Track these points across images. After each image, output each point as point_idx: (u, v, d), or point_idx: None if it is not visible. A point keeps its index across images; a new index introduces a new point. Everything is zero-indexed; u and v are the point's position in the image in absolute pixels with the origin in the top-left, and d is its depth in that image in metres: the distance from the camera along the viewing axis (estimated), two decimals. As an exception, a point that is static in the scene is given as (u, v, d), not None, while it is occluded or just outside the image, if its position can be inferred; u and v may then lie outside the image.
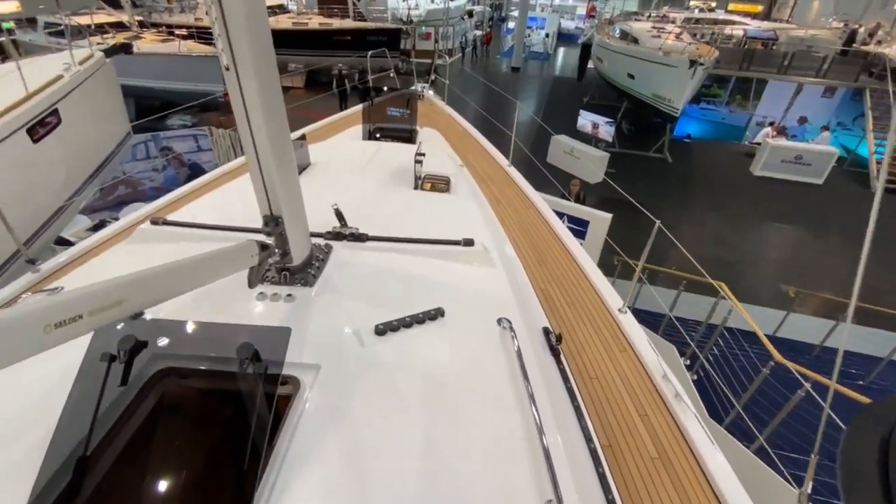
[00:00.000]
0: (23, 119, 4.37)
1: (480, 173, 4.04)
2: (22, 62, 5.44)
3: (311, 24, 17.42)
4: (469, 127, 5.16)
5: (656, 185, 12.06)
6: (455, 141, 4.61)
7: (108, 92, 6.59)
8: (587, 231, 6.42)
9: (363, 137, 4.22)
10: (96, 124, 6.22)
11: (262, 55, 1.45)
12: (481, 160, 4.36)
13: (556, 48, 31.84)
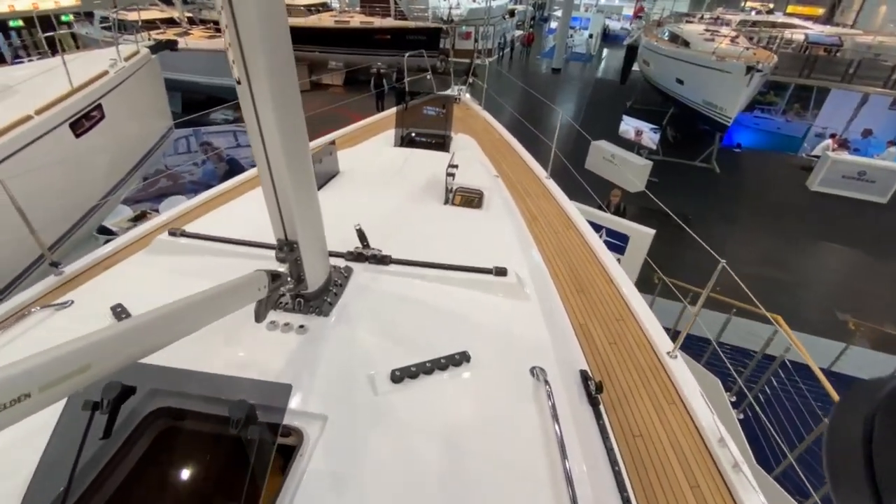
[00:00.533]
0: (66, 114, 4.46)
1: (516, 185, 3.80)
2: (70, 57, 5.60)
3: (352, 23, 17.53)
4: (506, 134, 4.92)
5: (702, 198, 11.41)
6: (490, 149, 4.39)
7: (152, 87, 6.73)
8: (626, 247, 6.07)
9: (395, 143, 4.07)
10: (139, 119, 6.35)
11: (280, 69, 1.29)
12: (518, 170, 4.11)
13: (600, 49, 30.95)
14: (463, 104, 5.79)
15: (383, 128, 4.57)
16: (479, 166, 3.56)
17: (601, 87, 21.47)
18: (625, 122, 12.12)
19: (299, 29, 17.67)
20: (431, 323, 1.73)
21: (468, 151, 4.05)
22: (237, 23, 1.15)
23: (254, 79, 1.24)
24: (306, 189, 1.54)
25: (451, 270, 1.95)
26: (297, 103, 1.41)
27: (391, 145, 3.99)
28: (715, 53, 9.93)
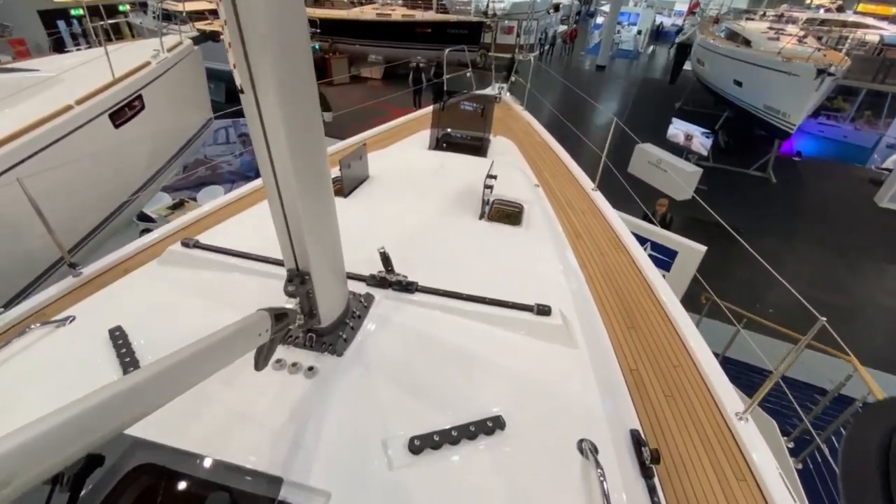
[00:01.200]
0: (106, 104, 4.47)
1: (559, 197, 3.50)
2: (114, 47, 5.65)
3: (394, 16, 17.40)
4: (548, 137, 4.59)
5: (755, 209, 10.63)
6: (531, 154, 4.09)
7: (193, 78, 6.76)
8: (673, 263, 5.63)
9: (430, 145, 3.83)
10: (180, 109, 6.39)
11: (295, 75, 1.07)
12: (561, 179, 3.80)
13: (648, 46, 29.65)
14: (503, 104, 5.49)
15: (418, 128, 4.35)
16: (519, 174, 3.27)
17: (648, 86, 20.50)
18: (674, 125, 11.43)
19: (341, 21, 17.71)
20: (459, 371, 1.49)
21: (507, 157, 3.77)
22: (239, 17, 0.93)
23: (261, 89, 1.03)
24: (323, 213, 1.33)
25: (485, 304, 1.71)
26: (314, 116, 1.20)
27: (426, 148, 3.76)
28: (780, 54, 9.13)
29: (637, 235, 5.96)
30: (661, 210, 6.71)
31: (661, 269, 5.83)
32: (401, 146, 3.81)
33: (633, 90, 19.88)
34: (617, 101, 18.66)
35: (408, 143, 3.89)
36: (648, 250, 5.81)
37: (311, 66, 1.15)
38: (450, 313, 1.69)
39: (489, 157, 3.63)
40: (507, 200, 2.71)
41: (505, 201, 2.70)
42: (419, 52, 17.78)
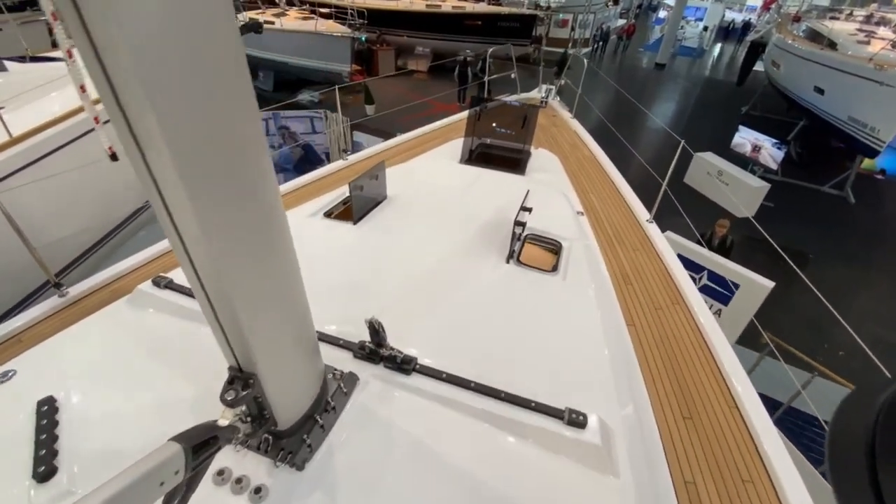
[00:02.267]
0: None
1: (607, 228, 3.02)
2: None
3: (443, 7, 16.97)
4: (599, 152, 4.07)
5: (828, 232, 9.53)
6: (577, 172, 3.62)
7: (233, 71, 6.65)
8: (733, 297, 4.98)
9: (462, 157, 3.45)
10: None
11: (206, 115, 0.73)
12: (611, 206, 3.30)
13: (714, 44, 27.65)
14: (549, 109, 4.99)
15: (452, 134, 3.97)
16: (560, 199, 2.84)
17: (712, 87, 19.07)
18: (741, 133, 10.42)
19: (390, 12, 17.47)
20: (456, 498, 1.12)
21: (549, 174, 3.33)
22: (93, 38, 0.59)
23: (143, 139, 0.69)
24: (274, 281, 0.98)
25: (500, 402, 1.32)
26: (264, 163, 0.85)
27: (457, 160, 3.38)
28: (873, 61, 8.00)
29: (691, 261, 5.35)
30: (722, 232, 6.00)
31: (718, 303, 5.20)
32: (429, 158, 3.46)
33: (695, 91, 18.54)
34: (677, 102, 17.44)
35: (438, 154, 3.53)
36: (704, 280, 5.20)
37: (251, 92, 0.81)
38: (452, 408, 1.33)
39: (528, 174, 3.21)
40: (542, 236, 2.29)
41: (540, 236, 2.29)
42: (468, 45, 17.30)
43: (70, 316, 2.03)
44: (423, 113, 14.37)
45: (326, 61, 13.32)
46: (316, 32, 12.79)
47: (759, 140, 9.86)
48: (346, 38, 12.62)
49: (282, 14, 14.20)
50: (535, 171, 3.26)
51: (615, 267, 2.60)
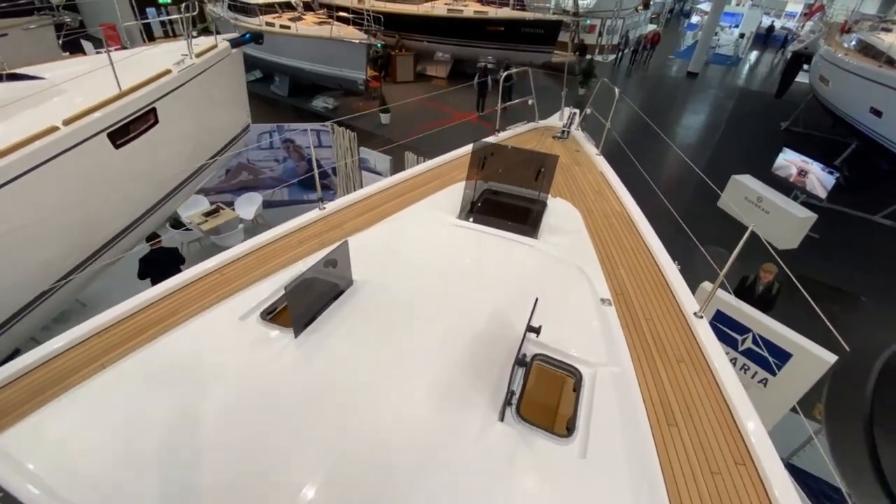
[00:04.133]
0: (104, 123, 3.91)
1: (643, 326, 2.33)
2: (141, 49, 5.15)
3: (465, 12, 16.38)
4: (630, 203, 3.35)
5: (882, 268, 8.56)
6: (604, 233, 2.95)
7: (230, 83, 6.21)
8: (784, 366, 4.23)
9: (461, 211, 2.83)
10: (210, 118, 5.85)
11: None
12: (646, 289, 2.60)
13: (750, 52, 26.33)
14: (572, 141, 4.32)
15: (453, 175, 3.36)
16: (581, 284, 2.21)
17: (748, 99, 17.96)
18: (784, 154, 9.52)
19: (411, 17, 16.98)
20: None
21: (568, 238, 2.69)
22: None
23: None
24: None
25: None
26: None
27: (454, 215, 2.78)
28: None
29: (733, 321, 4.61)
30: (767, 278, 5.19)
31: (764, 371, 4.45)
32: (422, 210, 2.87)
33: (729, 103, 17.47)
34: (710, 115, 16.43)
35: (434, 204, 2.93)
36: (748, 343, 4.46)
37: None
38: None
39: (542, 236, 2.58)
40: (554, 358, 1.66)
41: (551, 359, 1.67)
42: (489, 51, 16.67)
43: None
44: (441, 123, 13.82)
45: (341, 68, 12.89)
46: (331, 38, 12.35)
47: (807, 163, 8.95)
48: (362, 44, 12.15)
49: (298, 18, 13.84)
50: (550, 231, 2.64)
51: (654, 396, 1.91)
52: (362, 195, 3.34)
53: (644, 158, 4.27)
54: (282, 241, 2.83)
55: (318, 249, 2.58)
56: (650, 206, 4.45)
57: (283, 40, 13.54)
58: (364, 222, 2.87)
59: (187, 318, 2.02)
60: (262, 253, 2.71)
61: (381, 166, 7.71)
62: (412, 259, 2.28)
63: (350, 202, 3.29)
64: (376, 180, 8.30)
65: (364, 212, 3.06)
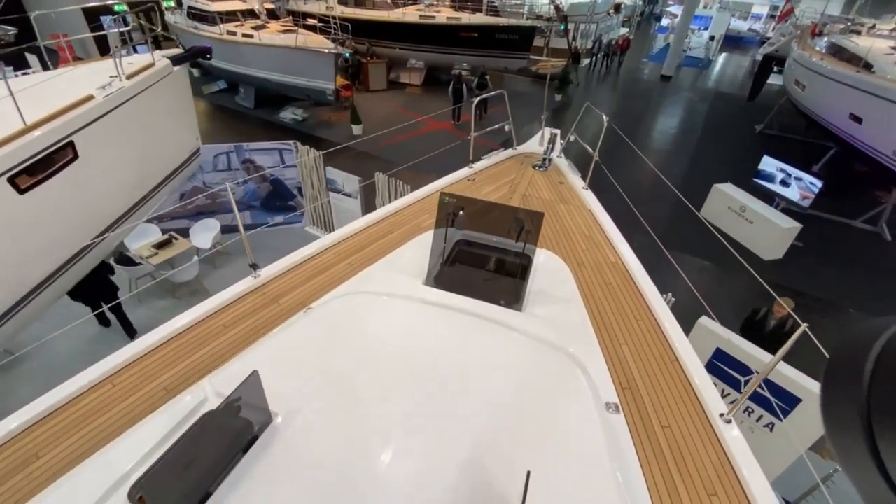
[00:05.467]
0: (2, 165, 3.26)
1: (660, 441, 1.83)
2: (64, 70, 4.49)
3: (438, 18, 15.95)
4: (627, 252, 2.87)
5: (865, 274, 8.43)
6: (601, 296, 2.48)
7: (173, 105, 5.57)
8: (792, 411, 3.87)
9: (428, 274, 2.33)
10: (150, 144, 5.22)
11: None
12: (659, 381, 2.09)
13: (719, 54, 26.68)
14: (554, 171, 3.87)
15: (421, 221, 2.86)
16: (582, 384, 1.74)
17: (722, 103, 18.02)
18: (766, 163, 9.34)
19: (382, 23, 16.47)
20: None
21: (559, 308, 2.22)
22: None
23: None
24: None
25: None
26: None
27: (420, 278, 2.28)
28: (927, 87, 6.95)
29: (738, 363, 4.24)
30: (781, 314, 4.72)
31: (770, 415, 4.09)
32: (378, 277, 2.36)
33: (703, 106, 17.49)
34: (685, 119, 16.38)
35: (394, 266, 2.42)
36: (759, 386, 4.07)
37: None
38: None
39: (527, 308, 2.11)
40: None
41: None
42: (464, 58, 16.29)
43: None
44: (415, 132, 13.29)
45: (308, 78, 12.26)
46: (296, 48, 11.72)
47: (792, 173, 8.78)
48: (330, 54, 11.55)
49: (262, 27, 13.15)
50: (537, 297, 2.17)
51: None
52: (310, 253, 2.78)
53: (623, 167, 3.86)
54: (200, 328, 2.26)
55: (244, 344, 2.04)
56: (634, 228, 4.05)
57: (247, 50, 12.85)
58: (308, 293, 2.36)
59: None
60: (168, 350, 2.13)
61: (351, 187, 7.17)
62: (363, 359, 1.78)
63: (292, 264, 2.73)
64: (345, 203, 7.76)
65: (310, 276, 2.54)
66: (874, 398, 0.35)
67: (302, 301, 2.33)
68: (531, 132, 4.64)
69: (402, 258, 2.52)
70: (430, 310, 2.07)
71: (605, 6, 24.84)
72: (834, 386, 0.40)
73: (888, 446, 0.33)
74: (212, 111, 15.08)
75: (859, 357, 0.37)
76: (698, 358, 2.12)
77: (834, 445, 0.39)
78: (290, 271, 2.73)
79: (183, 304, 6.93)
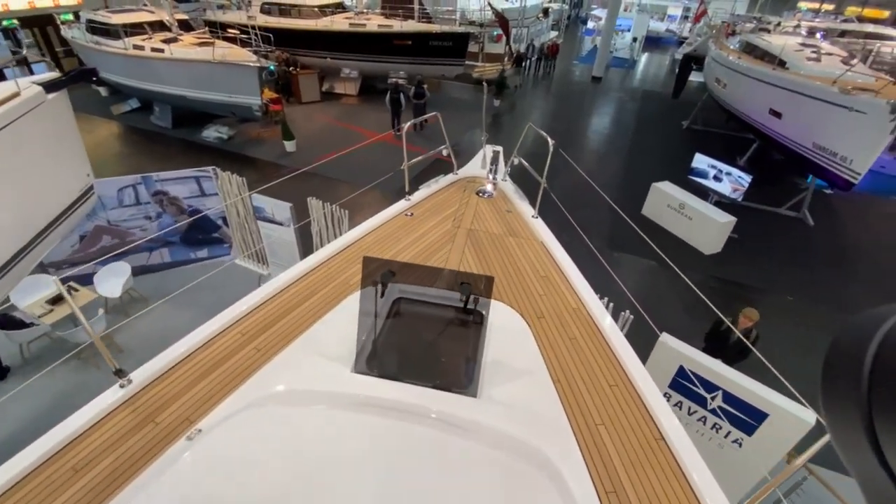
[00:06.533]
0: None
1: None
2: None
3: (369, 26, 15.42)
4: (585, 290, 2.53)
5: (796, 261, 8.86)
6: (565, 355, 2.11)
7: (51, 137, 4.71)
8: (759, 427, 3.75)
9: (357, 355, 1.85)
10: (20, 187, 4.37)
11: None
12: (644, 463, 1.72)
13: (642, 54, 28.06)
14: (501, 198, 3.50)
15: (350, 273, 2.37)
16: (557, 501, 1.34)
17: (650, 101, 18.80)
18: (697, 160, 9.63)
19: (310, 32, 15.70)
20: None
21: (521, 384, 1.83)
22: None
23: None
24: None
25: None
26: None
27: (349, 364, 1.81)
28: (837, 83, 7.37)
29: (702, 379, 4.10)
30: (746, 325, 4.64)
31: (739, 431, 3.97)
32: (293, 360, 1.85)
33: (634, 106, 18.15)
34: (617, 118, 16.90)
35: (314, 345, 1.92)
36: (718, 402, 3.94)
37: None
38: None
39: (484, 388, 1.70)
40: None
41: None
42: (399, 66, 15.86)
43: None
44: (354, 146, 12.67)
45: (230, 93, 11.32)
46: (213, 61, 10.78)
47: (719, 167, 9.09)
48: (252, 67, 10.72)
49: (173, 40, 12.02)
50: (494, 373, 1.77)
51: None
52: (203, 339, 2.16)
53: (558, 174, 3.58)
54: (41, 476, 1.61)
55: (104, 496, 1.46)
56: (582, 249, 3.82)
57: (159, 65, 11.69)
58: (196, 404, 1.79)
59: None
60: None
61: (281, 215, 6.50)
62: (272, 500, 1.29)
63: (177, 360, 2.08)
64: (277, 232, 7.06)
65: (202, 374, 1.95)
66: (874, 391, 0.35)
67: (188, 417, 1.75)
68: (473, 141, 4.28)
69: (324, 335, 2.01)
70: (360, 418, 1.60)
71: (535, 10, 25.37)
72: (833, 379, 0.40)
73: (890, 440, 0.33)
74: (124, 134, 13.63)
75: (859, 349, 0.37)
76: (688, 436, 1.79)
77: (835, 439, 0.39)
78: (174, 371, 2.04)
79: (90, 366, 5.96)
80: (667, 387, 4.17)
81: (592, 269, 3.61)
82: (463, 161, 4.32)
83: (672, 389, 4.16)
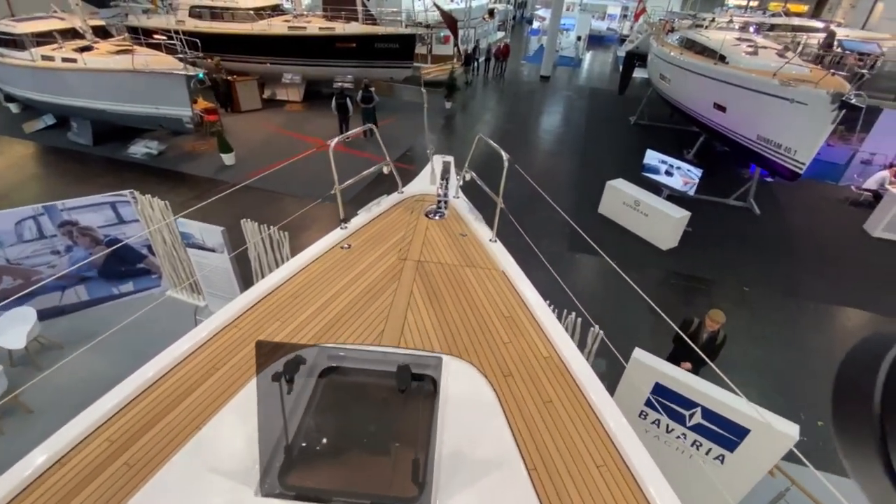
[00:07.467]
0: None
1: None
2: None
3: (309, 29, 14.68)
4: (556, 332, 2.12)
5: (747, 250, 9.04)
6: (539, 422, 1.69)
7: None
8: (741, 443, 3.53)
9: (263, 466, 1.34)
10: None
11: None
12: None
13: (586, 52, 28.68)
14: (454, 219, 3.07)
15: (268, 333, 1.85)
16: None
17: (598, 98, 19.08)
18: (649, 157, 9.65)
19: (246, 37, 14.77)
20: None
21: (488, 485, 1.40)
22: None
23: None
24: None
25: None
26: None
27: (252, 489, 1.28)
28: (777, 76, 7.52)
29: (676, 395, 3.86)
30: (713, 327, 4.46)
31: (720, 447, 3.76)
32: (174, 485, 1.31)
33: (582, 103, 18.35)
34: (567, 116, 16.99)
35: (204, 456, 1.39)
36: (697, 418, 3.71)
37: None
38: None
39: (440, 489, 1.27)
40: None
41: None
42: (344, 69, 15.20)
43: None
44: (300, 155, 11.91)
45: (156, 105, 10.34)
46: (136, 70, 9.79)
47: (670, 163, 9.14)
48: (180, 75, 9.81)
49: (87, 48, 10.86)
50: (450, 467, 1.33)
51: None
52: (58, 451, 1.58)
53: (516, 175, 3.26)
54: None
55: None
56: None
57: (71, 77, 10.52)
58: None
59: None
60: None
61: (213, 240, 5.80)
62: None
63: (24, 482, 1.49)
64: (210, 259, 6.33)
65: (80, 486, 1.38)
66: (887, 415, 0.35)
67: None
68: (426, 145, 3.83)
69: (220, 440, 1.48)
70: None
71: (480, 11, 25.34)
72: (845, 400, 0.40)
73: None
74: (39, 154, 12.22)
75: (869, 373, 0.37)
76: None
77: (846, 459, 0.39)
78: (36, 483, 1.47)
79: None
80: (642, 404, 3.92)
81: (555, 283, 3.29)
82: (412, 172, 3.87)
83: (648, 407, 3.91)
